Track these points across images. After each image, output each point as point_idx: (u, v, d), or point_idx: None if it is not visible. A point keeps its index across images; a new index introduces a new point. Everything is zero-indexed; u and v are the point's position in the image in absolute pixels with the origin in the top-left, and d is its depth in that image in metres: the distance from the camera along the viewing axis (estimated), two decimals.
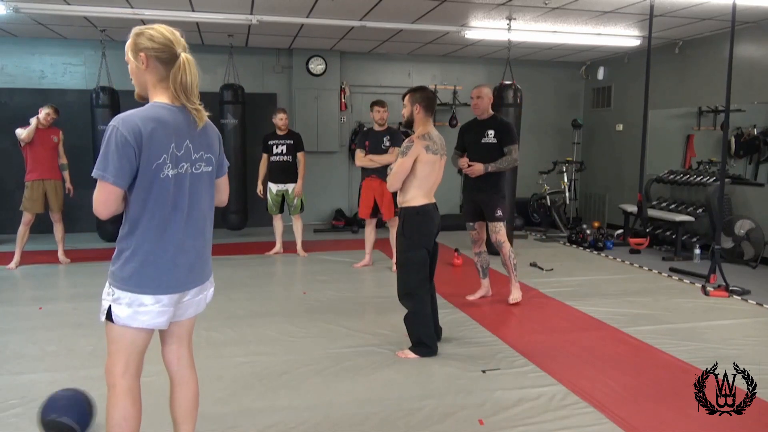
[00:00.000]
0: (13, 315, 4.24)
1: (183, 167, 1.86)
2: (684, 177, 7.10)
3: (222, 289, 5.05)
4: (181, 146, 1.85)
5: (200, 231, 1.96)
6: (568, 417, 2.75)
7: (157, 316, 1.87)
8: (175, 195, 1.85)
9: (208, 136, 1.97)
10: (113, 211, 1.80)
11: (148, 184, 1.80)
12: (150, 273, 1.84)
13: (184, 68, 1.83)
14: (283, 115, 6.18)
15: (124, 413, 1.89)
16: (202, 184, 1.94)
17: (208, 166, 1.96)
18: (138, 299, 1.84)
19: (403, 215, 3.53)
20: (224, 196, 2.14)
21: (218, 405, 2.84)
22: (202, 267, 2.00)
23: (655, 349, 3.66)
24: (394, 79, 8.76)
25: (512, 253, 4.62)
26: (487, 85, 4.82)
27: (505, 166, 4.51)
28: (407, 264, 3.50)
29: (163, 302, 1.87)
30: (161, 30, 1.85)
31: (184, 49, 1.86)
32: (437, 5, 5.76)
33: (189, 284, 1.95)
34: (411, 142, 3.44)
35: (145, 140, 1.76)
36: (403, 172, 3.44)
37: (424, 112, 3.53)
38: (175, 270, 1.88)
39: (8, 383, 3.06)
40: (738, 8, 5.24)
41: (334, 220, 8.51)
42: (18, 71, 7.54)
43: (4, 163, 7.33)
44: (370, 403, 2.88)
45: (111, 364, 1.90)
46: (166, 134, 1.81)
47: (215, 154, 2.01)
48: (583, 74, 9.35)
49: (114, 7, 5.75)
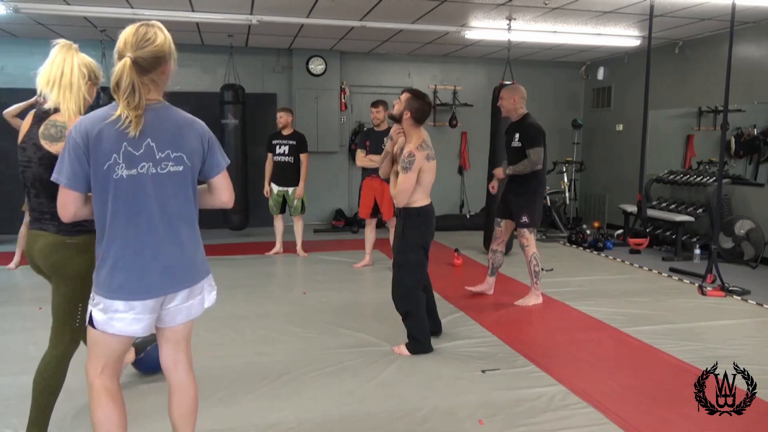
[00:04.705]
0: (13, 315, 4.24)
1: (144, 167, 1.81)
2: (684, 177, 7.10)
3: (222, 289, 5.02)
4: (140, 145, 1.80)
5: (173, 233, 1.88)
6: (568, 417, 2.75)
7: (131, 323, 1.84)
8: (137, 196, 1.81)
9: (181, 135, 1.88)
10: (73, 213, 1.83)
11: (104, 185, 1.79)
12: (120, 278, 1.81)
13: (119, 71, 1.76)
14: (281, 114, 6.18)
15: (106, 411, 1.91)
16: (170, 184, 1.86)
17: (178, 166, 1.87)
18: (112, 305, 1.82)
19: (404, 216, 3.52)
20: (224, 197, 2.05)
21: (218, 405, 2.84)
22: (184, 270, 1.92)
23: (655, 349, 3.66)
24: (394, 80, 8.76)
25: (535, 259, 4.56)
26: (511, 86, 4.74)
27: (521, 169, 4.46)
28: (406, 265, 3.52)
29: (136, 309, 1.84)
30: (127, 32, 1.82)
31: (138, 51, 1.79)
32: (437, 5, 5.76)
33: (166, 289, 1.89)
34: (412, 156, 3.38)
35: (93, 141, 1.75)
36: (410, 188, 3.41)
37: (413, 120, 3.47)
38: (146, 275, 1.83)
39: (8, 383, 3.07)
40: (738, 8, 5.24)
41: (334, 221, 8.51)
42: (18, 71, 7.54)
43: (5, 163, 7.33)
44: (371, 403, 2.88)
45: (88, 364, 1.92)
46: (118, 134, 1.77)
47: (191, 153, 1.90)
48: (583, 74, 9.35)
49: (114, 7, 5.75)
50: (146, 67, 1.80)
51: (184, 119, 1.92)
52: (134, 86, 1.76)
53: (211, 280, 2.07)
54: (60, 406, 2.77)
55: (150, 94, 1.84)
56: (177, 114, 1.91)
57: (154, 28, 1.84)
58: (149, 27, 1.84)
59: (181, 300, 1.95)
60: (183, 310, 1.97)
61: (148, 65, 1.81)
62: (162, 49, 1.83)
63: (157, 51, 1.82)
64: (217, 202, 2.06)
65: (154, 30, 1.84)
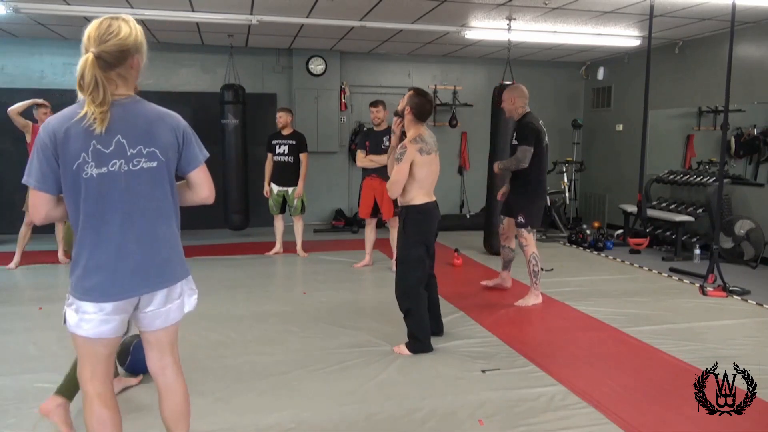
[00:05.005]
0: (13, 315, 4.24)
1: (115, 165, 1.76)
2: (684, 177, 7.10)
3: (222, 289, 5.06)
4: (110, 142, 1.75)
5: (147, 232, 1.83)
6: (568, 417, 2.75)
7: (99, 325, 1.79)
8: (109, 195, 1.76)
9: (153, 130, 1.82)
10: (45, 215, 1.79)
11: (74, 185, 1.75)
12: (91, 279, 1.77)
13: (81, 67, 1.71)
14: (281, 114, 6.18)
15: (99, 417, 1.87)
16: (144, 181, 1.81)
17: (151, 161, 1.81)
18: (81, 306, 1.79)
19: (404, 214, 3.56)
20: (204, 192, 1.96)
21: (218, 405, 2.84)
22: (159, 270, 1.85)
23: (655, 349, 3.66)
24: (394, 80, 8.76)
25: (535, 259, 4.58)
26: (510, 87, 4.80)
27: (507, 165, 4.60)
28: (407, 261, 3.54)
29: (106, 310, 1.79)
30: (90, 26, 1.77)
31: (102, 46, 1.73)
32: (437, 5, 5.76)
33: (139, 289, 1.83)
34: (404, 148, 3.46)
35: (60, 141, 1.72)
36: (402, 179, 3.46)
37: (413, 117, 3.54)
38: (116, 275, 1.78)
39: (8, 383, 3.07)
40: (738, 8, 5.24)
41: (334, 221, 8.51)
42: (18, 71, 7.55)
43: (5, 163, 7.33)
44: (371, 403, 2.88)
45: (79, 370, 1.89)
46: (85, 132, 1.73)
47: (164, 147, 1.83)
48: (583, 74, 9.35)
49: (114, 7, 5.75)
50: (111, 61, 1.74)
51: (156, 113, 1.85)
52: (98, 82, 1.71)
53: (191, 283, 1.99)
54: None
55: (118, 89, 1.79)
56: (148, 108, 1.84)
57: (118, 21, 1.78)
58: (113, 20, 1.78)
59: (158, 304, 1.88)
60: (161, 314, 1.90)
61: (113, 59, 1.75)
62: (126, 42, 1.76)
63: (121, 44, 1.75)
64: (197, 199, 1.98)
65: (119, 23, 1.77)
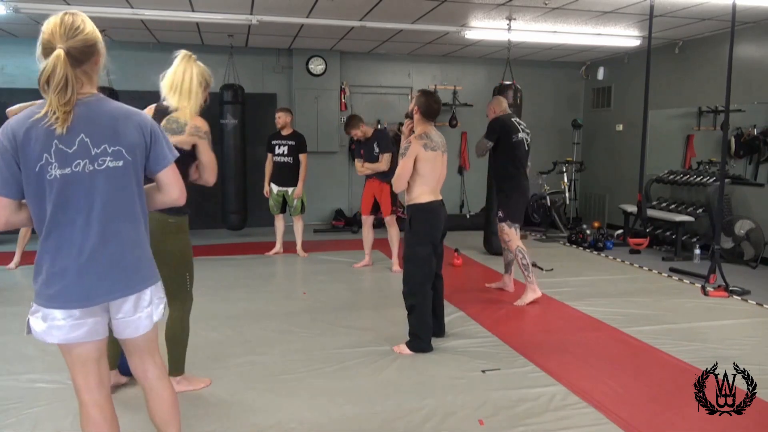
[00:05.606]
0: (13, 315, 4.23)
1: (79, 165, 1.69)
2: (684, 177, 7.09)
3: (222, 289, 5.06)
4: (73, 142, 1.68)
5: (113, 234, 1.75)
6: (568, 417, 2.75)
7: (71, 330, 1.74)
8: (73, 196, 1.70)
9: (118, 128, 1.75)
10: (5, 221, 1.71)
11: (38, 188, 1.68)
12: (55, 285, 1.71)
13: (51, 64, 1.64)
14: (280, 114, 6.17)
15: (97, 425, 1.84)
16: (110, 180, 1.74)
17: (117, 161, 1.74)
18: (50, 313, 1.72)
19: (410, 212, 3.59)
20: (174, 193, 1.89)
21: (218, 405, 2.84)
22: (127, 274, 1.78)
23: (655, 349, 3.66)
24: (394, 80, 8.76)
25: (521, 252, 4.59)
26: (493, 99, 5.16)
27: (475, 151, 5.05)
28: (414, 258, 3.56)
29: (75, 316, 1.73)
30: (52, 21, 1.69)
31: (70, 41, 1.67)
32: (437, 5, 5.76)
33: (105, 296, 1.76)
34: (408, 143, 3.53)
35: (21, 142, 1.65)
36: (406, 173, 3.52)
37: (421, 116, 3.63)
38: (81, 280, 1.72)
39: (8, 383, 3.06)
40: (738, 8, 5.23)
41: (334, 221, 8.51)
42: (18, 71, 7.54)
43: None
44: (371, 403, 2.88)
45: (72, 379, 1.85)
46: (46, 132, 1.66)
47: (130, 146, 1.77)
48: (583, 74, 9.35)
49: (114, 7, 5.75)
50: (79, 57, 1.70)
51: (122, 111, 1.79)
52: (67, 80, 1.64)
53: (160, 290, 1.90)
54: (61, 407, 2.78)
55: (83, 87, 1.73)
56: (113, 106, 1.79)
57: (80, 17, 1.74)
58: (75, 16, 1.73)
59: (128, 312, 1.81)
60: (131, 323, 1.83)
61: (82, 56, 1.70)
62: (93, 38, 1.74)
63: (88, 40, 1.72)
64: (168, 200, 1.91)
65: (81, 18, 1.74)
